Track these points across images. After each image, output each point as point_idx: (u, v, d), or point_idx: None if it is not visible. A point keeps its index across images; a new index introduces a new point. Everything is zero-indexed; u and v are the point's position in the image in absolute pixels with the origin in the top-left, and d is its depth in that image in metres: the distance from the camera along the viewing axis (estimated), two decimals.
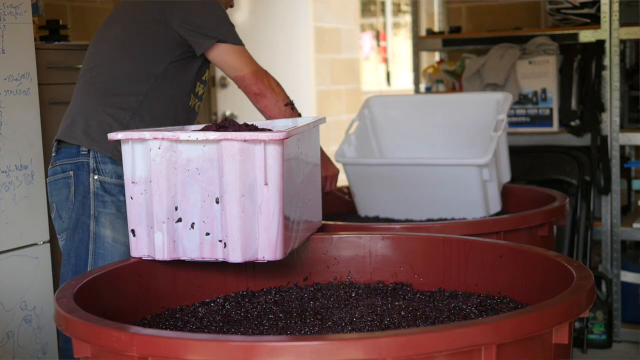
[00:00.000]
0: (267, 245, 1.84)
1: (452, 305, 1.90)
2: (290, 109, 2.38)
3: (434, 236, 2.16)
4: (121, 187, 2.23)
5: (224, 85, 4.86)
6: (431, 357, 1.34)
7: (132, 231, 1.91)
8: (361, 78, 7.59)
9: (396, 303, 1.93)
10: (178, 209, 1.87)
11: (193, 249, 1.88)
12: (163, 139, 1.83)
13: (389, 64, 8.95)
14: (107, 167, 2.26)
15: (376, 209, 3.03)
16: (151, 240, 1.89)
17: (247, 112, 3.95)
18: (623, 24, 3.79)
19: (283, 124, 2.22)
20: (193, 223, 1.87)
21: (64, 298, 1.63)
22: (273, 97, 2.36)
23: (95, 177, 2.25)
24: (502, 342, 1.38)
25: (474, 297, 1.95)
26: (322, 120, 2.20)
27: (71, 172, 2.28)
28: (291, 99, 2.43)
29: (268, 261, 1.86)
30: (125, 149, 1.89)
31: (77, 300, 1.63)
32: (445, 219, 2.88)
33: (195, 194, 1.85)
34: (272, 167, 1.80)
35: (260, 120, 2.29)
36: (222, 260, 1.87)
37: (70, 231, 2.26)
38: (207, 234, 1.87)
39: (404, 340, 1.32)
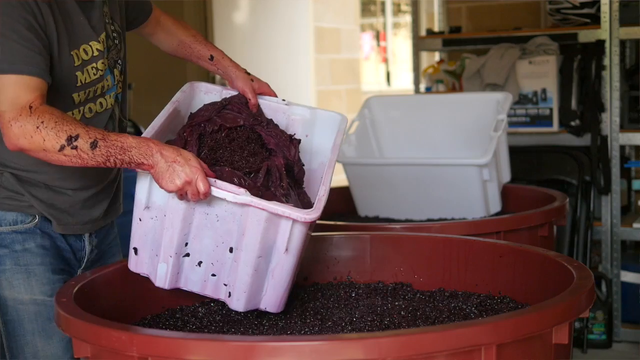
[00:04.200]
0: (272, 301, 1.80)
1: (452, 305, 1.89)
2: (73, 149, 1.64)
3: (434, 236, 2.16)
4: (17, 234, 1.94)
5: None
6: (431, 357, 1.34)
7: (135, 249, 1.84)
8: (361, 78, 7.60)
9: (396, 303, 1.93)
10: (188, 245, 1.78)
11: (196, 282, 1.83)
12: None
13: (389, 64, 8.96)
14: None
15: (376, 209, 3.02)
16: (154, 265, 1.82)
17: None
18: (623, 24, 3.79)
19: (300, 112, 2.07)
20: (201, 262, 1.80)
21: (64, 298, 1.63)
22: (38, 149, 1.67)
23: None
24: (502, 342, 1.37)
25: (474, 297, 1.95)
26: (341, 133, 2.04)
27: None
28: (73, 132, 1.64)
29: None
30: (142, 174, 1.76)
31: (77, 300, 1.63)
32: (445, 219, 2.88)
33: (209, 239, 1.77)
34: (295, 238, 1.73)
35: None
36: (223, 301, 1.83)
37: None
38: (214, 275, 1.80)
39: (404, 340, 1.32)
